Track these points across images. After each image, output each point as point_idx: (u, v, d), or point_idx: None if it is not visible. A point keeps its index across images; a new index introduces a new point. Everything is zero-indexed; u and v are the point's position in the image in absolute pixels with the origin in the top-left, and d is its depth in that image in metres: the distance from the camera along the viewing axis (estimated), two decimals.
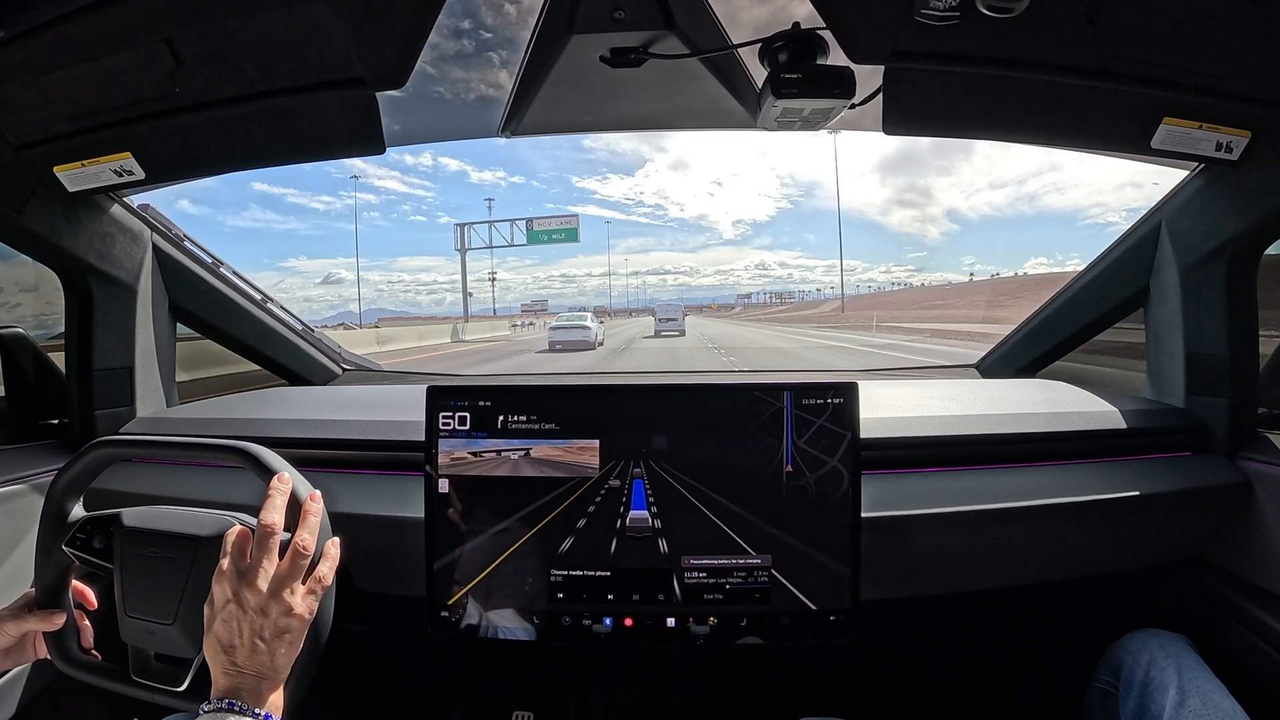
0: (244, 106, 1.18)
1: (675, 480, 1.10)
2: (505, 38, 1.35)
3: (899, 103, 1.18)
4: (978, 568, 1.27)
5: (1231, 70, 1.08)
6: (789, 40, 1.19)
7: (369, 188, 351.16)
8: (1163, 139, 1.19)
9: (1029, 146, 1.34)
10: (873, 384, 1.62)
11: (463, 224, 75.63)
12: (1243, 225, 1.28)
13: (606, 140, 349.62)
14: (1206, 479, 1.30)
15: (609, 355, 22.01)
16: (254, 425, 1.41)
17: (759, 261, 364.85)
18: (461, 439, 1.12)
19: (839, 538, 1.10)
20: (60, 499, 1.06)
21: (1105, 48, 1.05)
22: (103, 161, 1.27)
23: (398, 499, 1.23)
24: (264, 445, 1.07)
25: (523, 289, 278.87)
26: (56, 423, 1.56)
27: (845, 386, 1.11)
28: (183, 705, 1.00)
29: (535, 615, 1.12)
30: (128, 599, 1.00)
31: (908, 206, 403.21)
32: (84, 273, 1.43)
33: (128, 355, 1.53)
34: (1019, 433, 1.33)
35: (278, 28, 1.06)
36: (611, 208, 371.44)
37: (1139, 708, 1.09)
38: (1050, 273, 79.72)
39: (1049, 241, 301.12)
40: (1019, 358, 1.89)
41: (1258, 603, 1.25)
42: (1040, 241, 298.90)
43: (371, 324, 57.48)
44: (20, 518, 1.28)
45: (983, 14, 0.93)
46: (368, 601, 1.28)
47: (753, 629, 1.11)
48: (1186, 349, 1.40)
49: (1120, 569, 1.34)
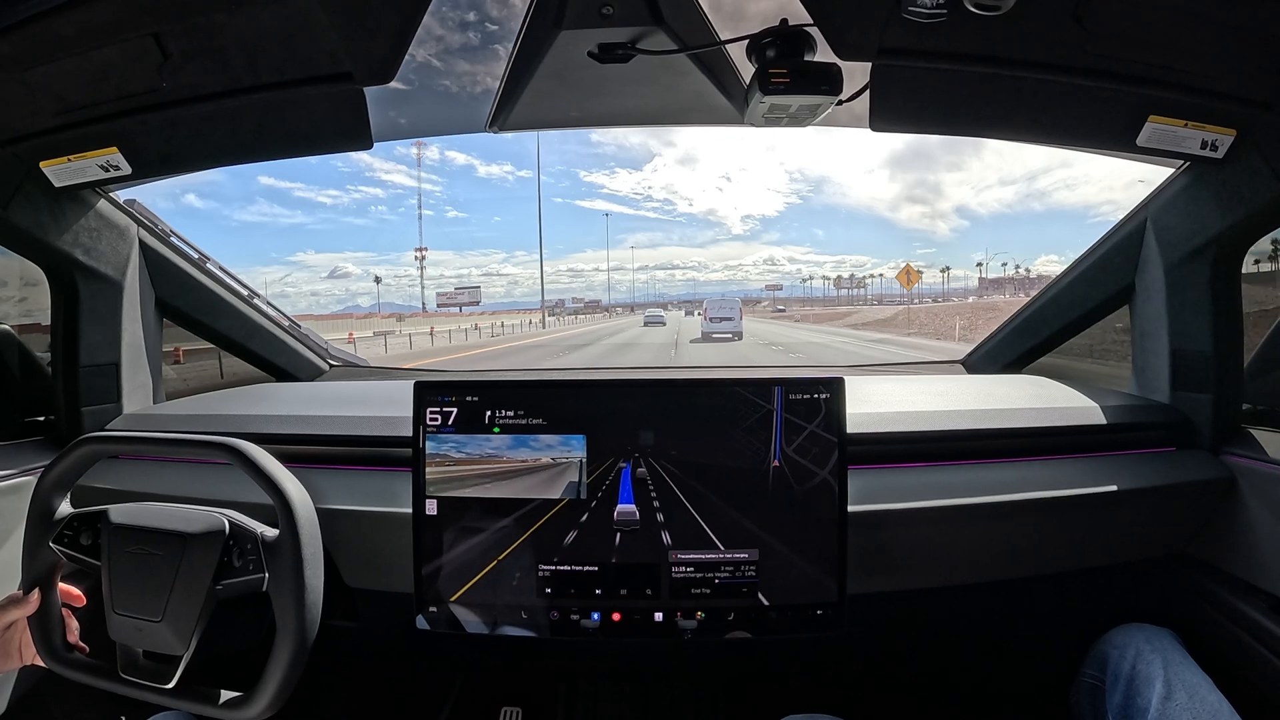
0: (231, 101, 1.18)
1: (663, 475, 1.11)
2: (493, 32, 1.35)
3: (886, 99, 1.19)
4: (964, 562, 1.28)
5: (1217, 69, 1.09)
6: (777, 36, 1.19)
7: (376, 181, 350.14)
8: (1148, 137, 1.20)
9: (1025, 144, 1.35)
10: (860, 379, 1.63)
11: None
12: (1227, 223, 1.29)
13: (614, 134, 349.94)
14: (1191, 474, 1.31)
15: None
16: (241, 421, 1.40)
17: (768, 257, 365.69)
18: (449, 434, 1.12)
19: (825, 532, 1.10)
20: (47, 495, 1.06)
21: (1091, 46, 1.05)
22: (89, 157, 1.26)
23: (385, 495, 1.23)
24: (251, 442, 1.07)
25: (531, 284, 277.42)
26: (42, 420, 1.55)
27: (832, 382, 1.11)
28: (171, 703, 1.00)
29: (523, 611, 1.12)
30: (115, 596, 1.00)
31: (917, 203, 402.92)
32: (70, 268, 1.42)
33: (114, 351, 1.52)
34: (1005, 428, 1.34)
35: (265, 22, 1.05)
36: (620, 202, 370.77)
37: (1125, 702, 1.10)
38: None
39: (1059, 239, 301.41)
40: (1005, 354, 1.90)
41: (1242, 597, 1.26)
42: (1050, 239, 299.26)
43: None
44: (6, 516, 1.27)
45: (970, 11, 0.93)
46: (355, 598, 1.28)
47: (740, 623, 1.12)
48: (1171, 345, 1.41)
49: (1106, 563, 1.35)
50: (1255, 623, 1.22)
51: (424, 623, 1.13)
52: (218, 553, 0.99)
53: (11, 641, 1.04)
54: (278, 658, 0.98)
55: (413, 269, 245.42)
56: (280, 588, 1.00)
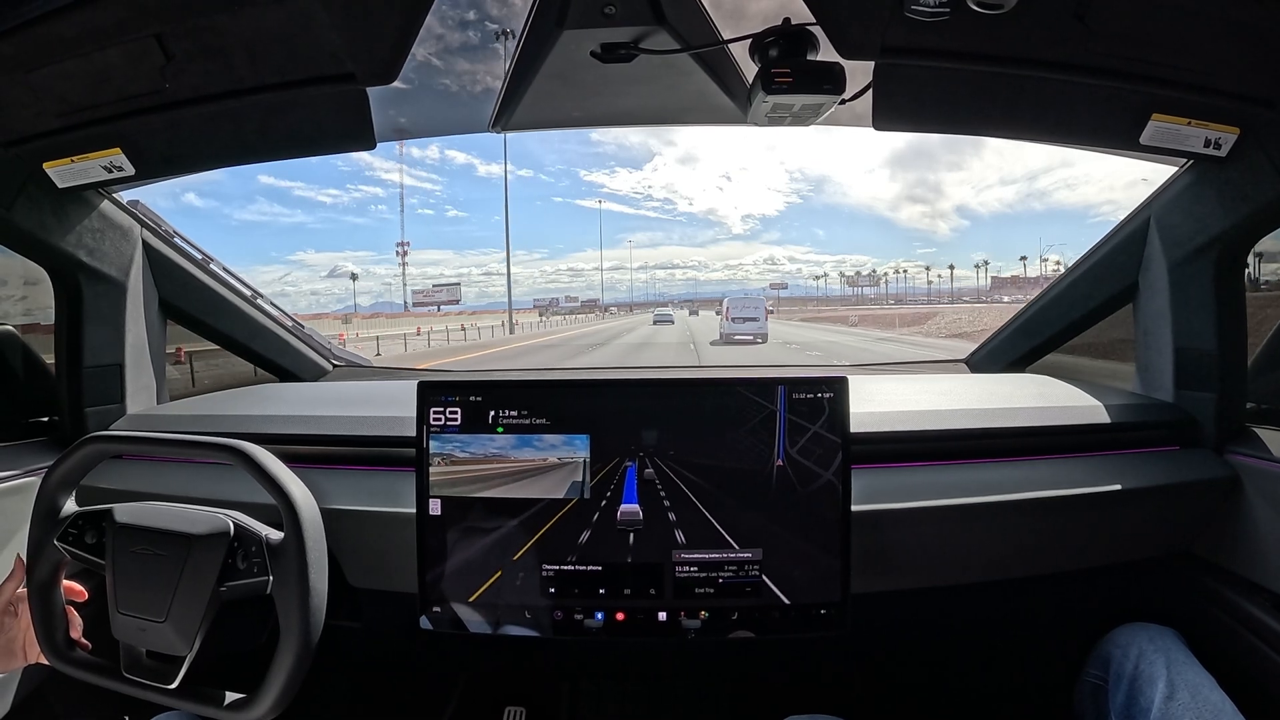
0: (234, 102, 1.18)
1: (667, 474, 1.11)
2: (495, 32, 1.35)
3: (889, 98, 1.19)
4: (967, 562, 1.28)
5: (1220, 67, 1.08)
6: (779, 36, 1.19)
7: (376, 180, 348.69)
8: (1151, 135, 1.19)
9: (1028, 143, 1.34)
10: (863, 378, 1.63)
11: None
12: (1231, 221, 1.28)
13: (614, 134, 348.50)
14: (1195, 473, 1.31)
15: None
16: (245, 422, 1.41)
17: (768, 256, 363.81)
18: (452, 434, 1.12)
19: (829, 531, 1.10)
20: (53, 494, 1.06)
21: (1094, 44, 1.05)
22: (92, 158, 1.26)
23: (389, 495, 1.23)
24: (255, 442, 1.07)
25: (530, 283, 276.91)
26: (46, 420, 1.55)
27: (836, 381, 1.11)
28: (174, 703, 1.00)
29: (527, 611, 1.12)
30: (119, 595, 1.00)
31: (918, 202, 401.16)
32: (73, 269, 1.42)
33: (118, 352, 1.52)
34: (1008, 427, 1.34)
35: (268, 23, 1.05)
36: (620, 201, 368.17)
37: (1128, 701, 1.10)
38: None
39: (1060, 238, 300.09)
40: (1008, 353, 1.89)
41: (1245, 596, 1.26)
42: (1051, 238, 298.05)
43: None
44: (10, 516, 1.27)
45: (972, 10, 0.93)
46: (359, 598, 1.28)
47: (743, 623, 1.12)
48: (1175, 344, 1.41)
49: (1109, 563, 1.35)
50: (1259, 622, 1.22)
51: (427, 623, 1.13)
52: (222, 554, 0.99)
53: (15, 640, 1.05)
54: (281, 660, 0.98)
55: (413, 268, 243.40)
56: (284, 591, 1.00)
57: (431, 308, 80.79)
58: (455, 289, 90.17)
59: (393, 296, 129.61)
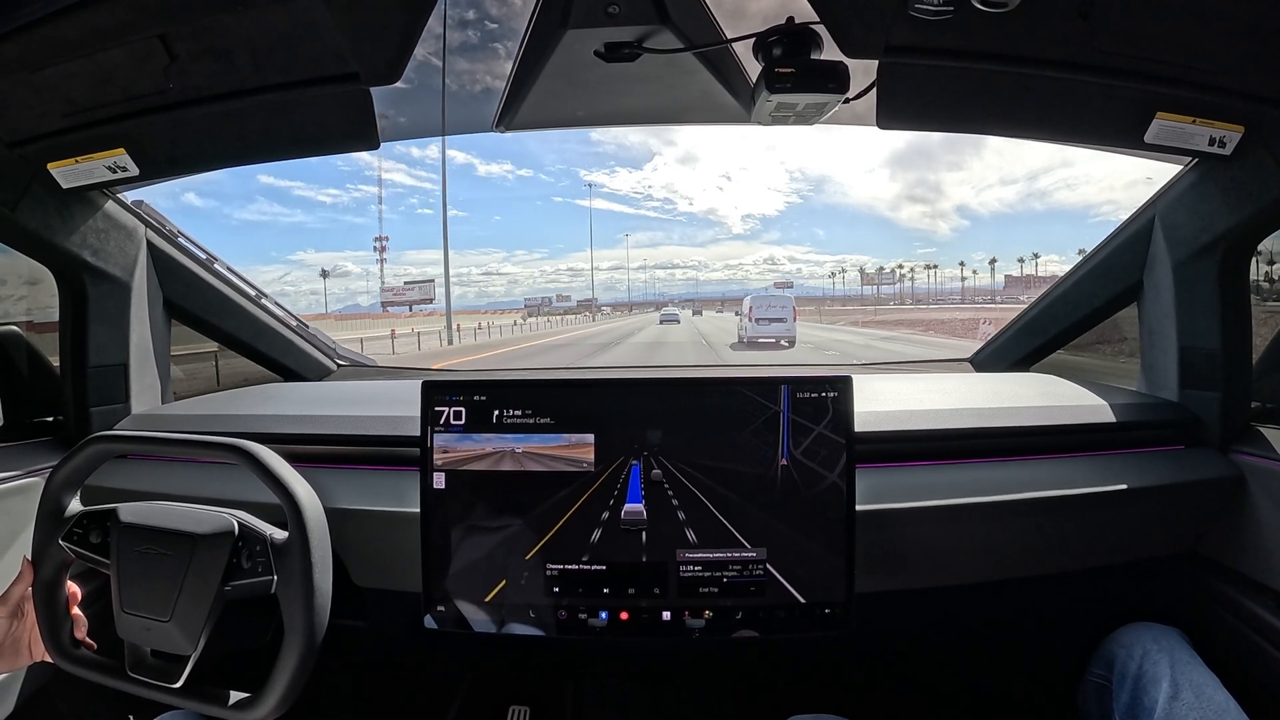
0: (238, 102, 1.18)
1: (671, 473, 1.11)
2: (499, 32, 1.35)
3: (892, 97, 1.18)
4: (971, 561, 1.27)
5: (1224, 65, 1.08)
6: (783, 35, 1.19)
7: (376, 180, 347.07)
8: (1156, 134, 1.19)
9: (1031, 141, 1.34)
10: (867, 377, 1.63)
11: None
12: (1236, 220, 1.28)
13: (614, 134, 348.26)
14: (1199, 472, 1.31)
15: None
16: (249, 422, 1.41)
17: (768, 256, 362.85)
18: (456, 434, 1.12)
19: (833, 531, 1.10)
20: (58, 493, 1.06)
21: (1098, 42, 1.05)
22: (96, 158, 1.26)
23: (393, 495, 1.23)
24: (259, 442, 1.07)
25: (530, 283, 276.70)
26: (51, 420, 1.55)
27: (840, 380, 1.11)
28: (179, 702, 1.00)
29: (531, 610, 1.12)
30: (124, 595, 1.00)
31: (918, 202, 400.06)
32: (78, 269, 1.42)
33: (122, 352, 1.52)
34: (1012, 426, 1.34)
35: (271, 23, 1.06)
36: (620, 201, 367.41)
37: (1132, 701, 1.10)
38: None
39: (1060, 238, 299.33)
40: (1013, 352, 1.89)
41: (1250, 596, 1.26)
42: (1051, 238, 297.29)
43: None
44: (15, 516, 1.27)
45: (976, 8, 0.93)
46: (364, 597, 1.29)
47: (748, 622, 1.12)
48: (1180, 343, 1.41)
49: (1113, 562, 1.35)
50: (1264, 622, 1.22)
51: (432, 622, 1.13)
52: (227, 554, 1.00)
53: (20, 639, 1.05)
54: (286, 659, 0.98)
55: (411, 268, 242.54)
56: (289, 591, 1.00)
57: (403, 308, 75.03)
58: (428, 286, 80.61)
59: (361, 300, 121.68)
